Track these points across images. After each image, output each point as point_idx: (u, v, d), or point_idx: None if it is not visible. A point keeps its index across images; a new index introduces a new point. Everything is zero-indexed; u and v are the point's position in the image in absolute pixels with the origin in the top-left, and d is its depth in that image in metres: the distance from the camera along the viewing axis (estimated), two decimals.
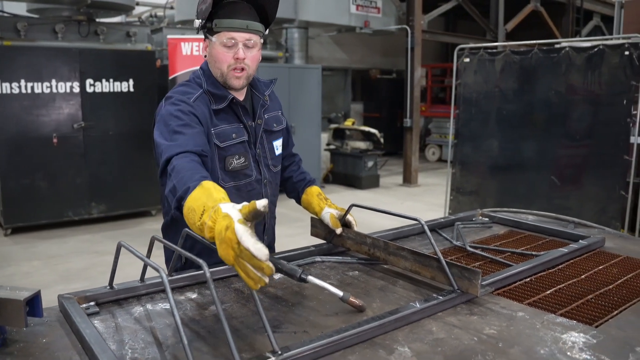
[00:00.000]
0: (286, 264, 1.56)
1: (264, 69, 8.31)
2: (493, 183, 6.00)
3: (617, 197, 4.94)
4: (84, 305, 1.45)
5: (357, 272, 1.81)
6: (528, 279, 1.75)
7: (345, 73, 14.89)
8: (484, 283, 1.58)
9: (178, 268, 1.79)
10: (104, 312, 1.46)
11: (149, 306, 1.51)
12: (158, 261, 1.28)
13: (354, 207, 1.93)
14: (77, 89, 6.84)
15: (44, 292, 1.30)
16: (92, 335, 1.23)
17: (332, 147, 10.56)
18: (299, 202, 2.14)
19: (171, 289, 1.14)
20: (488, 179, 6.02)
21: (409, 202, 8.80)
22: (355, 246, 1.93)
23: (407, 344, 1.29)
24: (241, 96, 1.92)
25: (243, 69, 1.81)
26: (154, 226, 7.11)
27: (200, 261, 1.17)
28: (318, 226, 2.06)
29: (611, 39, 5.70)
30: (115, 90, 7.13)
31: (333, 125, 10.90)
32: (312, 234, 2.11)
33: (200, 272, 1.63)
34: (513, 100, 5.72)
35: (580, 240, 2.10)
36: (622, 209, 4.92)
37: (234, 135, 1.84)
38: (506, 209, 2.67)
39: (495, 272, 1.73)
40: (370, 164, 9.91)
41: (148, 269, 1.48)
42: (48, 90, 6.66)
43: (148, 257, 1.36)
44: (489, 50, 5.89)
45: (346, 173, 10.13)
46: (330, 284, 1.51)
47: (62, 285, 4.85)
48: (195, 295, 1.59)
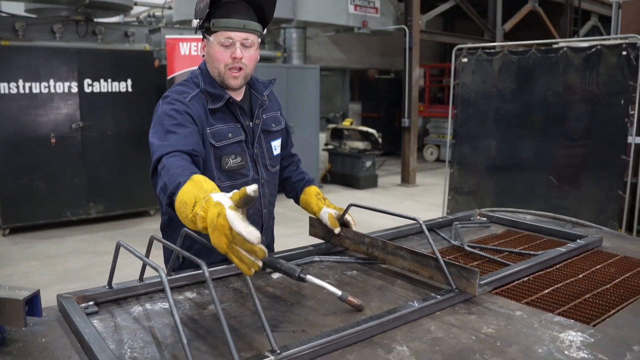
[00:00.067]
0: (285, 264, 1.57)
1: (262, 69, 8.31)
2: (491, 183, 6.01)
3: (615, 197, 4.95)
4: (83, 304, 1.46)
5: (355, 272, 1.82)
6: (526, 279, 1.75)
7: (344, 73, 14.90)
8: (482, 282, 1.58)
9: (176, 268, 1.79)
10: (103, 312, 1.46)
11: (147, 306, 1.51)
12: (157, 261, 1.28)
13: (353, 207, 1.94)
14: (75, 89, 6.84)
15: (42, 292, 1.30)
16: (91, 334, 1.23)
17: (330, 147, 10.57)
18: (297, 202, 2.14)
19: (170, 289, 1.15)
20: (486, 179, 6.03)
21: (407, 202, 8.80)
22: (354, 246, 1.93)
23: (405, 343, 1.30)
24: (239, 96, 1.92)
25: (240, 69, 1.81)
26: (152, 226, 7.10)
27: (199, 261, 1.18)
28: (316, 226, 2.06)
29: (609, 39, 5.72)
30: (114, 90, 7.12)
31: (331, 125, 10.90)
32: (311, 234, 2.11)
33: (199, 271, 1.64)
34: (511, 100, 5.73)
35: (577, 240, 2.11)
36: (619, 208, 4.93)
37: (230, 135, 1.84)
38: (504, 209, 2.68)
39: (493, 272, 1.73)
40: (368, 164, 9.92)
41: (147, 269, 1.49)
42: (46, 90, 6.65)
43: (147, 256, 1.36)
44: (487, 50, 5.90)
45: (344, 173, 10.13)
46: (328, 283, 1.51)
47: (60, 285, 4.85)
48: (194, 295, 1.60)
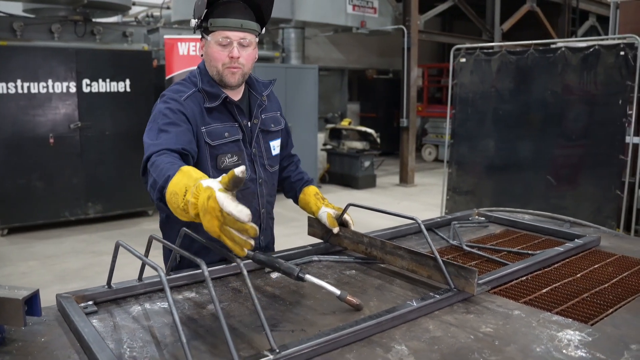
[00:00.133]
0: (284, 263, 1.57)
1: (260, 68, 8.32)
2: (489, 183, 6.01)
3: (613, 197, 4.96)
4: (82, 304, 1.46)
5: (354, 271, 1.82)
6: (524, 278, 1.76)
7: (342, 73, 14.90)
8: (480, 282, 1.59)
9: (174, 267, 1.79)
10: (102, 311, 1.46)
11: (147, 305, 1.51)
12: (156, 261, 1.28)
13: (351, 207, 1.94)
14: (73, 89, 6.83)
15: (40, 292, 1.30)
16: (91, 334, 1.24)
17: (328, 147, 10.57)
18: (296, 201, 2.15)
19: (169, 288, 1.15)
20: (484, 179, 6.04)
21: (406, 202, 8.81)
22: (352, 245, 1.94)
23: (404, 342, 1.30)
24: (237, 95, 1.92)
25: (238, 67, 1.82)
26: (151, 226, 7.10)
27: (199, 260, 1.18)
28: (315, 225, 2.06)
29: (607, 39, 5.72)
30: (112, 90, 7.12)
31: (330, 125, 10.90)
32: (309, 234, 2.11)
33: (198, 271, 1.64)
34: (509, 100, 5.73)
35: (575, 240, 2.12)
36: (617, 208, 4.94)
37: (226, 134, 1.85)
38: (502, 209, 2.68)
39: (492, 271, 1.74)
40: (366, 164, 9.92)
41: (145, 269, 1.49)
42: (44, 90, 6.65)
43: (146, 256, 1.36)
44: (485, 51, 5.91)
45: (343, 173, 10.13)
46: (327, 282, 1.51)
47: (58, 286, 4.84)
48: (193, 295, 1.60)
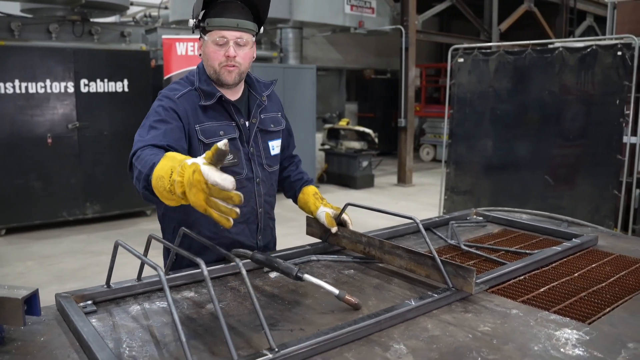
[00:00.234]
0: (282, 263, 1.57)
1: (258, 69, 8.32)
2: (487, 183, 6.02)
3: (610, 197, 4.98)
4: (82, 304, 1.46)
5: (352, 271, 1.83)
6: (522, 277, 1.76)
7: (340, 73, 14.91)
8: (478, 281, 1.60)
9: (171, 266, 1.79)
10: (101, 311, 1.47)
11: (146, 305, 1.51)
12: (155, 260, 1.28)
13: (349, 207, 1.94)
14: (71, 89, 6.83)
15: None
16: (90, 333, 1.24)
17: (326, 147, 10.57)
18: (295, 201, 2.15)
19: (168, 288, 1.15)
20: (482, 179, 6.05)
21: (404, 201, 8.82)
22: (351, 245, 1.94)
23: (402, 341, 1.30)
24: (235, 95, 1.93)
25: (235, 66, 1.83)
26: (149, 226, 7.10)
27: (198, 259, 1.19)
28: (314, 225, 2.07)
29: (604, 40, 5.74)
30: (110, 90, 7.11)
31: (327, 125, 10.90)
32: (308, 233, 2.12)
33: (197, 270, 1.64)
34: (507, 100, 5.74)
35: (573, 239, 2.12)
36: (615, 208, 4.96)
37: (221, 132, 1.86)
38: (500, 208, 2.69)
39: (490, 270, 1.74)
40: (364, 163, 9.92)
41: (144, 268, 1.49)
42: (42, 90, 6.64)
43: (145, 256, 1.36)
44: (483, 51, 5.92)
45: (341, 173, 10.14)
46: (326, 282, 1.52)
47: (56, 286, 4.84)
48: (192, 294, 1.60)
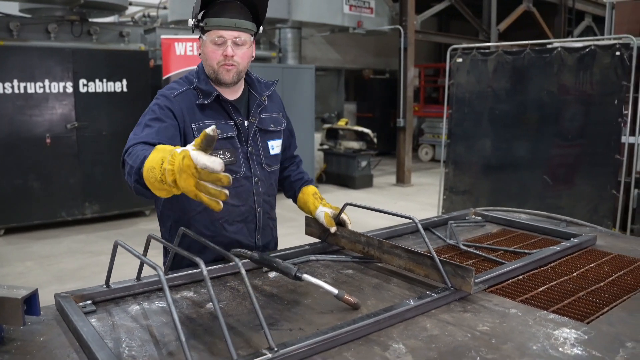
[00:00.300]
0: (281, 263, 1.58)
1: (257, 69, 8.32)
2: (486, 182, 6.03)
3: (609, 196, 4.99)
4: (81, 303, 1.46)
5: (351, 271, 1.83)
6: (520, 277, 1.77)
7: (339, 73, 14.91)
8: (477, 281, 1.60)
9: (170, 266, 1.80)
10: (101, 311, 1.47)
11: (145, 304, 1.52)
12: (154, 260, 1.28)
13: (348, 207, 1.95)
14: (70, 89, 6.82)
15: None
16: (90, 333, 1.24)
17: (325, 147, 10.57)
18: (295, 201, 2.16)
19: (168, 287, 1.15)
20: (481, 179, 6.05)
21: (402, 201, 8.82)
22: (350, 245, 1.94)
23: (401, 340, 1.31)
24: (235, 94, 1.94)
25: (233, 65, 1.84)
26: (148, 226, 7.09)
27: (197, 259, 1.19)
28: (313, 225, 2.07)
29: (602, 40, 5.74)
30: (109, 90, 7.11)
31: (326, 125, 10.90)
32: (307, 233, 2.12)
33: (197, 270, 1.65)
34: (505, 100, 5.75)
35: (572, 239, 2.13)
36: (613, 207, 4.97)
37: (218, 131, 1.86)
38: (499, 208, 2.69)
39: (488, 270, 1.75)
40: (363, 163, 9.93)
41: (143, 268, 1.49)
42: (41, 91, 6.64)
43: (144, 256, 1.36)
44: (482, 51, 5.92)
45: (339, 173, 10.14)
46: (325, 282, 1.52)
47: (55, 286, 4.84)
48: (191, 294, 1.60)
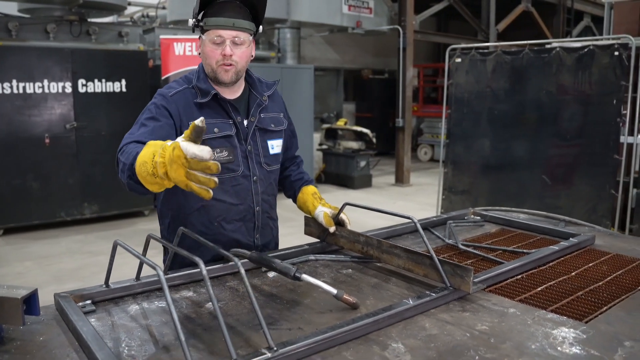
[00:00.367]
0: (280, 263, 1.58)
1: (256, 68, 8.29)
2: (485, 182, 6.04)
3: (607, 196, 4.99)
4: (80, 303, 1.46)
5: (350, 270, 1.83)
6: (519, 276, 1.77)
7: (338, 73, 14.91)
8: (475, 280, 1.60)
9: (169, 265, 1.80)
10: (100, 311, 1.47)
11: (144, 304, 1.52)
12: (153, 260, 1.29)
13: (347, 206, 1.95)
14: (69, 89, 6.82)
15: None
16: (89, 332, 1.24)
17: (324, 147, 10.57)
18: (295, 201, 2.16)
19: (167, 287, 1.15)
20: (480, 179, 6.06)
21: (401, 201, 8.82)
22: (349, 244, 1.95)
23: (400, 340, 1.31)
24: (234, 94, 1.94)
25: (231, 64, 1.84)
26: (147, 226, 7.09)
27: (197, 259, 1.19)
28: (312, 225, 2.07)
29: (601, 40, 5.75)
30: (108, 90, 7.11)
31: (325, 125, 10.90)
32: (306, 233, 2.12)
33: (196, 270, 1.65)
34: (504, 100, 5.76)
35: (570, 238, 2.13)
36: (612, 207, 4.97)
37: (216, 129, 1.87)
38: (498, 208, 2.70)
39: (487, 270, 1.75)
40: (362, 163, 9.93)
41: (143, 268, 1.50)
42: (40, 91, 6.63)
43: (144, 255, 1.37)
44: (481, 51, 5.93)
45: (338, 173, 10.14)
46: (324, 281, 1.52)
47: (54, 286, 4.83)
48: (190, 294, 1.61)
